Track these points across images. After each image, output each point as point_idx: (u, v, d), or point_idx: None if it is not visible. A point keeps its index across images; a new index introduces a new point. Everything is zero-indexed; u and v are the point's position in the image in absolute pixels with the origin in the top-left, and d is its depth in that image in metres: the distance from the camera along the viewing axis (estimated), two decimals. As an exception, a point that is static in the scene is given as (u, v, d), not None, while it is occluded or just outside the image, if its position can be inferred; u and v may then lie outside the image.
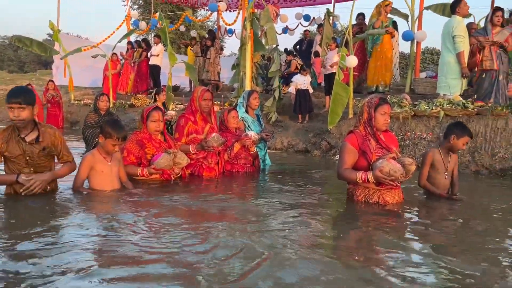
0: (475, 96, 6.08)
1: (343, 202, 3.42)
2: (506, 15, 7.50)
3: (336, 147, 6.49)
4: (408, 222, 2.95)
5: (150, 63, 11.64)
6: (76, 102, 12.28)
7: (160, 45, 11.26)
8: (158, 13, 11.19)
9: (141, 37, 20.28)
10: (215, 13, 13.59)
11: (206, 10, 15.61)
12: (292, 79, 8.94)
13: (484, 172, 5.19)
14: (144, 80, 12.27)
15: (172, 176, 3.87)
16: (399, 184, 3.22)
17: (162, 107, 5.74)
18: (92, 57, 10.98)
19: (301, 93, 8.00)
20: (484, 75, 6.15)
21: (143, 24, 13.82)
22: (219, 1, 12.29)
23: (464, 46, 6.03)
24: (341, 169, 3.25)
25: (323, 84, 9.23)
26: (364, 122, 3.32)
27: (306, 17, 12.88)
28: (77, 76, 12.59)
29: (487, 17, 6.37)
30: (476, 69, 6.34)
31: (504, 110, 5.47)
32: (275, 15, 9.61)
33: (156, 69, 11.55)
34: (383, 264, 2.09)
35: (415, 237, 2.58)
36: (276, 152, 7.12)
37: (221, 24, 14.14)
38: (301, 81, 8.11)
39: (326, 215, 3.09)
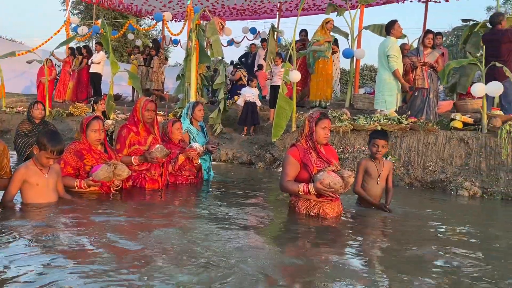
0: (409, 112, 6.46)
1: (285, 214, 3.48)
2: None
3: (279, 159, 6.60)
4: (346, 235, 3.06)
5: (91, 70, 11.23)
6: (8, 109, 11.52)
7: (102, 53, 10.91)
8: (100, 20, 10.85)
9: (82, 43, 19.55)
10: (160, 23, 13.43)
11: (151, 19, 15.39)
12: (240, 91, 9.05)
13: (417, 185, 5.51)
14: (84, 88, 11.79)
15: (112, 188, 3.74)
16: (338, 196, 3.33)
17: (102, 117, 5.55)
18: (27, 62, 10.39)
19: (249, 106, 8.09)
20: (416, 93, 6.56)
21: (84, 29, 13.32)
22: (165, 11, 12.17)
23: (397, 65, 6.42)
24: (284, 181, 3.32)
25: (267, 97, 9.38)
26: (305, 136, 3.42)
27: (252, 31, 13.10)
28: (10, 82, 11.85)
29: (419, 39, 6.83)
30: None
31: (434, 126, 5.86)
32: (221, 27, 9.69)
33: (97, 77, 11.16)
34: (320, 274, 2.15)
35: (351, 250, 2.68)
36: (221, 164, 7.11)
37: (166, 34, 13.98)
38: (250, 94, 8.20)
39: (268, 227, 3.13)
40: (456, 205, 4.58)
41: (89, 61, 11.34)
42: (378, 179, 3.70)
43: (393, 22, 6.69)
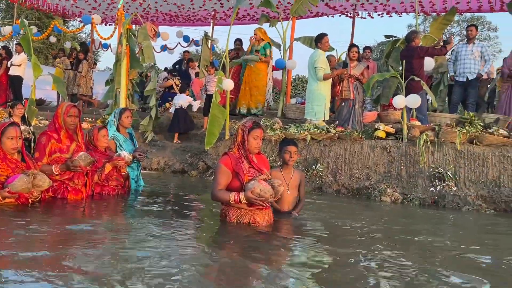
0: (337, 122, 6.74)
1: (217, 223, 3.46)
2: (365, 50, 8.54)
3: (212, 167, 6.56)
4: (275, 243, 3.10)
5: (10, 73, 10.44)
6: None
7: (23, 54, 10.18)
8: (20, 19, 10.13)
9: (1, 44, 18.15)
10: (89, 25, 12.86)
11: (79, 21, 14.69)
12: (172, 99, 8.95)
13: (344, 191, 5.74)
14: (3, 92, 10.91)
15: (30, 199, 3.48)
16: (268, 205, 3.37)
17: (19, 122, 5.16)
18: None
19: (180, 112, 7.97)
20: (343, 104, 6.88)
21: (7, 29, 12.37)
22: (94, 14, 11.68)
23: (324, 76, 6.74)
24: (215, 190, 3.30)
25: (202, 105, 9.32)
26: (238, 145, 3.43)
27: (186, 38, 12.96)
28: None
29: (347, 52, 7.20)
30: (337, 98, 7.06)
31: (360, 135, 6.16)
32: (154, 33, 9.48)
33: (17, 80, 10.39)
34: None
35: (279, 257, 2.73)
36: (152, 173, 6.92)
37: (95, 38, 13.41)
38: (182, 101, 8.10)
39: (199, 236, 3.08)
40: (379, 211, 4.82)
41: (9, 63, 10.54)
42: (287, 189, 3.69)
43: (321, 36, 6.99)
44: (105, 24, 13.90)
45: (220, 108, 6.67)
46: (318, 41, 6.94)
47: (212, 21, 13.00)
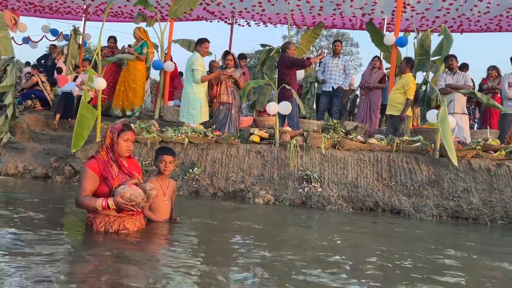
0: (214, 126, 6.81)
1: (82, 232, 3.20)
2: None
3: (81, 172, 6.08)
4: (147, 249, 2.99)
5: None
6: None
7: None
8: None
9: None
10: None
11: None
12: (34, 96, 8.20)
13: (220, 194, 5.80)
14: None
15: None
16: (140, 210, 3.23)
17: None
18: None
19: (67, 96, 7.79)
20: (221, 108, 6.98)
21: None
22: None
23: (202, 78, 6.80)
24: (80, 196, 3.05)
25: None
26: (106, 148, 3.23)
27: (54, 32, 11.83)
28: None
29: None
30: (215, 101, 7.14)
31: (236, 139, 6.31)
32: (14, 22, 8.49)
33: None
34: None
35: (154, 262, 2.63)
36: (7, 179, 6.14)
37: None
38: (71, 86, 7.67)
39: (61, 249, 2.81)
40: (253, 212, 4.99)
41: None
42: (165, 198, 3.64)
43: (201, 40, 7.03)
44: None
45: (89, 108, 6.22)
46: (198, 44, 6.97)
47: (84, 15, 12.13)
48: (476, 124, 9.14)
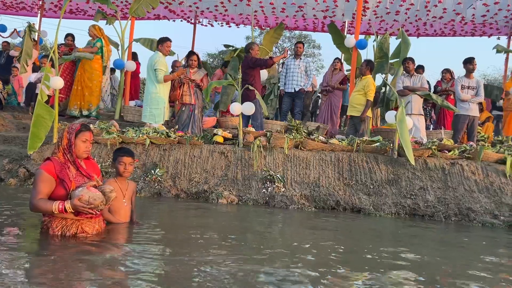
0: (177, 126, 6.73)
1: (37, 237, 3.08)
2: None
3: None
4: (107, 252, 2.91)
5: None
6: None
7: None
8: None
9: None
10: None
11: None
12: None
13: (183, 196, 5.74)
14: None
15: None
16: (99, 212, 3.14)
17: None
18: None
19: (33, 85, 7.22)
20: (184, 108, 6.91)
21: None
22: None
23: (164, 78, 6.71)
24: (35, 199, 2.93)
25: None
26: (63, 149, 3.13)
27: (2, 28, 11.29)
28: None
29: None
30: (177, 102, 7.06)
31: (199, 140, 6.27)
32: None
33: None
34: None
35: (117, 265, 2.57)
36: (-44, 182, 5.82)
37: None
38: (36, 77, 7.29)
39: (16, 255, 2.69)
40: (216, 213, 4.97)
41: None
42: (124, 200, 3.57)
43: (163, 40, 6.93)
44: None
45: (46, 108, 5.99)
46: (160, 43, 6.87)
47: (40, 11, 11.68)
48: (431, 125, 9.50)
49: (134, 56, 9.29)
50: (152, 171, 5.81)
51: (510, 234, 4.85)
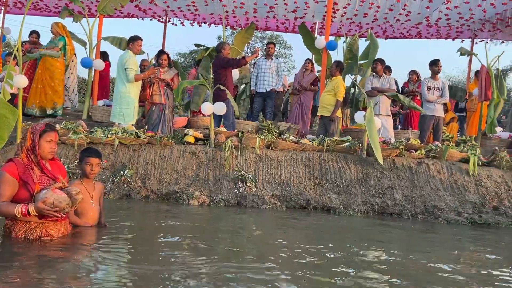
0: (146, 126, 6.63)
1: (-1, 241, 2.96)
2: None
3: None
4: (73, 256, 2.84)
5: None
6: None
7: None
8: None
9: None
10: None
11: None
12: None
13: (153, 197, 5.66)
14: None
15: None
16: (64, 215, 3.05)
17: None
18: None
19: None
20: (154, 108, 6.81)
21: None
22: None
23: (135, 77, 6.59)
24: (-3, 202, 2.82)
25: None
26: (27, 150, 3.02)
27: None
28: None
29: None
30: (147, 102, 6.95)
31: (170, 140, 6.19)
32: None
33: None
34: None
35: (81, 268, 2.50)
36: None
37: None
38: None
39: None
40: (187, 213, 4.92)
41: None
42: (92, 201, 3.49)
43: (135, 38, 6.82)
44: None
45: (9, 107, 5.77)
46: (130, 42, 6.75)
47: (3, 7, 11.25)
48: (399, 125, 9.73)
49: (105, 56, 9.08)
50: (121, 172, 5.70)
51: (473, 230, 5.03)
